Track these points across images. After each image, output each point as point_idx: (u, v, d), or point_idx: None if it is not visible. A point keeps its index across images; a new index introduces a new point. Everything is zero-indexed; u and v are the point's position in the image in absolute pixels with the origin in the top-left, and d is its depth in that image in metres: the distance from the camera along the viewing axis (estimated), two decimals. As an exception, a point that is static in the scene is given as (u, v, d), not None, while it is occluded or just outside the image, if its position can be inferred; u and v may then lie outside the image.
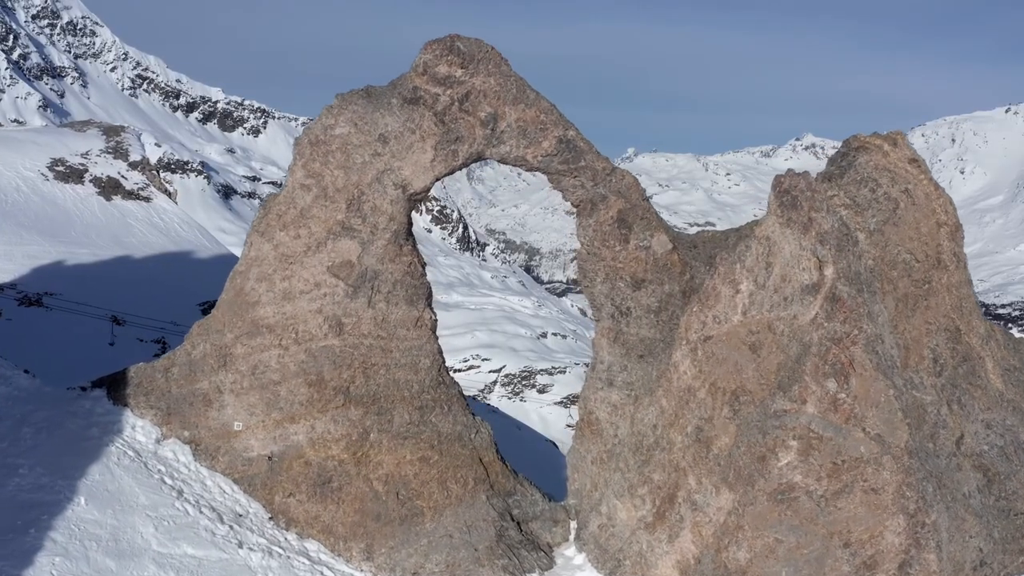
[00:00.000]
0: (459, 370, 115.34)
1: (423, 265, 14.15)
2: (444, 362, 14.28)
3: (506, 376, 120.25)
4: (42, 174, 73.94)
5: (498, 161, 13.99)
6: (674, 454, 13.60)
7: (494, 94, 13.65)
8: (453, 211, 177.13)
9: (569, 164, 13.86)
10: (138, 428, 14.53)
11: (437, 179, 13.77)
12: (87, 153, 78.13)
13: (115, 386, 14.69)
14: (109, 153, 79.84)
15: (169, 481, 13.92)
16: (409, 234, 14.09)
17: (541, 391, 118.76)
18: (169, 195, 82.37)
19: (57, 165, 77.03)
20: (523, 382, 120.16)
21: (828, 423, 12.88)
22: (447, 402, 14.13)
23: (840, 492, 12.98)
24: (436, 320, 14.09)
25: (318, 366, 13.78)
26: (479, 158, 13.97)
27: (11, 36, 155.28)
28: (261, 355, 13.92)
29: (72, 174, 75.88)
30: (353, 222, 13.66)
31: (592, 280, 14.06)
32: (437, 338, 14.21)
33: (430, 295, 14.18)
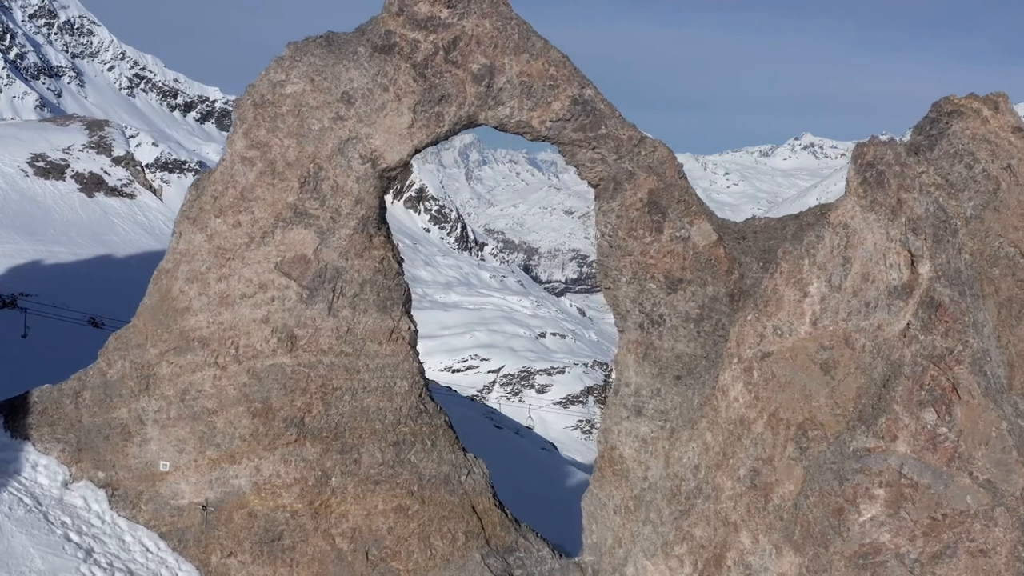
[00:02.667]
0: (457, 370, 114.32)
1: (399, 261, 11.12)
2: (426, 384, 11.23)
3: (505, 376, 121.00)
4: (22, 170, 71.54)
5: (495, 127, 10.95)
6: (722, 504, 10.63)
7: (490, 41, 10.63)
8: (451, 211, 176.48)
9: (586, 132, 10.83)
10: (40, 468, 11.64)
11: (417, 150, 10.76)
12: (69, 148, 75.60)
13: (14, 414, 11.73)
14: (92, 148, 77.04)
15: (75, 537, 11.01)
16: (382, 221, 11.07)
17: (540, 391, 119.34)
18: (154, 192, 79.33)
19: (38, 160, 74.69)
20: (522, 382, 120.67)
21: (925, 466, 10.00)
22: (430, 436, 11.09)
23: (940, 555, 10.15)
24: (416, 331, 11.06)
25: (264, 391, 10.77)
26: (471, 123, 10.94)
27: (8, 35, 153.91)
28: (192, 376, 10.91)
29: (53, 170, 73.48)
30: (308, 206, 10.64)
31: (615, 280, 11.03)
32: (417, 354, 11.17)
33: (408, 299, 11.14)
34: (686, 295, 10.94)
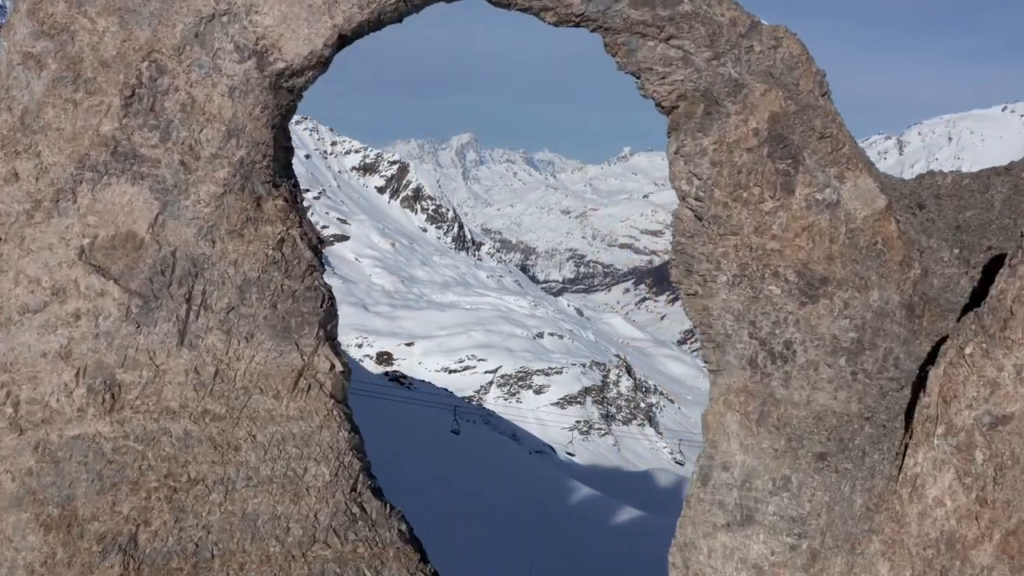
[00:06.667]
0: (454, 371, 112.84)
1: (316, 246, 6.17)
2: (366, 469, 6.30)
3: (502, 377, 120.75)
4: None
5: (492, 2, 6.05)
6: None
7: None
8: (448, 210, 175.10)
9: (655, 8, 5.92)
10: None
11: (343, 39, 5.83)
12: (35, 139, 71.44)
13: None
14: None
15: None
16: (282, 173, 6.15)
17: (538, 392, 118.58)
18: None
19: (1, 153, 70.61)
20: (519, 383, 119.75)
21: None
22: (372, 561, 6.17)
23: None
24: (347, 373, 6.13)
25: (64, 484, 5.86)
26: (444, -9, 6.00)
27: None
28: (-60, 455, 5.99)
29: (17, 162, 69.12)
30: (139, 140, 5.73)
31: (707, 279, 6.16)
32: (350, 415, 6.23)
33: (331, 314, 6.20)
34: (833, 307, 6.04)
